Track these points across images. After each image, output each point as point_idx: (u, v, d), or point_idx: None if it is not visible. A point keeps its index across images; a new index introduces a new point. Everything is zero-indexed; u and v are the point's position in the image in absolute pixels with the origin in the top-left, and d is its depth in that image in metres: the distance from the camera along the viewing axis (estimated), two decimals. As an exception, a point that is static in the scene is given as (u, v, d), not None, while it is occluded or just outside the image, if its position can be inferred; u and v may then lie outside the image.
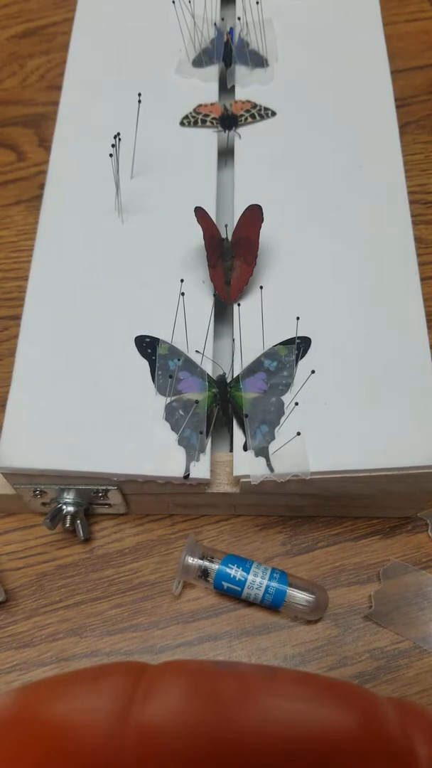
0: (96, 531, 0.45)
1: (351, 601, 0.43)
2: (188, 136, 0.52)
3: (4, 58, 0.65)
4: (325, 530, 0.45)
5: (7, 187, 0.58)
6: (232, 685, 0.29)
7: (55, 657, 0.42)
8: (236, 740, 0.26)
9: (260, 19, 0.55)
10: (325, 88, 0.54)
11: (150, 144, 0.50)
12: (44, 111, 0.62)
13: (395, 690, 0.40)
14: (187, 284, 0.43)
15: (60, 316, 0.44)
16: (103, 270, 0.46)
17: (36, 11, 0.68)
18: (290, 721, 0.27)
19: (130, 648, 0.42)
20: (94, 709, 0.27)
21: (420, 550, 0.44)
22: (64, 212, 0.48)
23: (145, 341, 0.43)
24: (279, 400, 0.41)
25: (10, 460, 0.39)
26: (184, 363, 0.42)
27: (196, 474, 0.39)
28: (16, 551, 0.44)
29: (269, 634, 0.42)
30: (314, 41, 0.56)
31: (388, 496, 0.42)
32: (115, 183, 0.47)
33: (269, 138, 0.51)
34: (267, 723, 0.27)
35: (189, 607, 0.43)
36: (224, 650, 0.42)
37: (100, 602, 0.43)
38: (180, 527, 0.45)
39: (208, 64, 0.55)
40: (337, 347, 0.42)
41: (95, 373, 0.42)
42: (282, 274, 0.45)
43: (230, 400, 0.41)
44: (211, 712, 0.27)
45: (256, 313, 0.42)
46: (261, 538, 0.44)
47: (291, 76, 0.54)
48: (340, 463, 0.39)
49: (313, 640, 0.42)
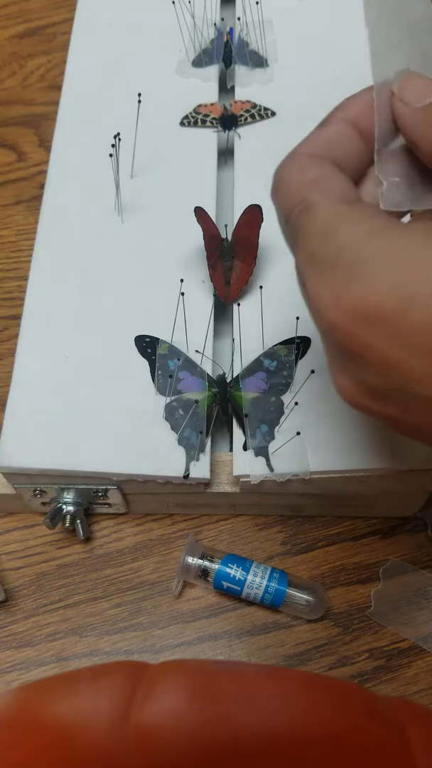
0: (96, 531, 0.45)
1: (351, 600, 0.43)
2: (188, 136, 0.52)
3: (4, 58, 0.65)
4: (325, 530, 0.45)
5: (7, 187, 0.58)
6: (232, 685, 0.29)
7: (55, 656, 0.42)
8: (236, 740, 0.26)
9: (260, 19, 0.55)
10: (325, 88, 0.54)
11: (150, 144, 0.50)
12: (44, 111, 0.62)
13: (395, 690, 0.40)
14: (187, 284, 0.43)
15: (60, 315, 0.44)
16: (103, 270, 0.46)
17: (36, 11, 0.68)
18: (290, 720, 0.27)
19: (130, 647, 0.42)
20: (94, 709, 0.27)
21: (420, 550, 0.44)
22: (64, 212, 0.48)
23: (145, 341, 0.43)
24: (279, 400, 0.41)
25: (10, 459, 0.39)
26: (184, 363, 0.42)
27: (196, 474, 0.39)
28: (15, 551, 0.45)
29: (269, 634, 0.42)
30: (314, 41, 0.56)
31: (388, 496, 0.42)
32: (115, 183, 0.47)
33: (269, 138, 0.51)
34: (267, 723, 0.27)
35: (189, 607, 0.43)
36: (224, 650, 0.42)
37: (100, 602, 0.43)
38: (180, 527, 0.45)
39: (208, 64, 0.55)
40: (336, 347, 0.42)
41: (95, 373, 0.42)
42: (282, 274, 0.45)
43: (230, 400, 0.41)
44: (211, 711, 0.27)
45: (255, 313, 0.42)
46: (261, 537, 0.45)
47: (291, 76, 0.54)
48: (340, 463, 0.39)
49: (312, 640, 0.42)
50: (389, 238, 0.24)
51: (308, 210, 0.25)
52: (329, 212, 0.25)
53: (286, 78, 0.54)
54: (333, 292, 0.24)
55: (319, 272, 0.25)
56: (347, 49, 0.55)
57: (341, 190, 0.26)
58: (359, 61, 0.55)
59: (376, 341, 0.24)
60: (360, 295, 0.23)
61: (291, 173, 0.27)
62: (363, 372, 0.25)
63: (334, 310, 0.24)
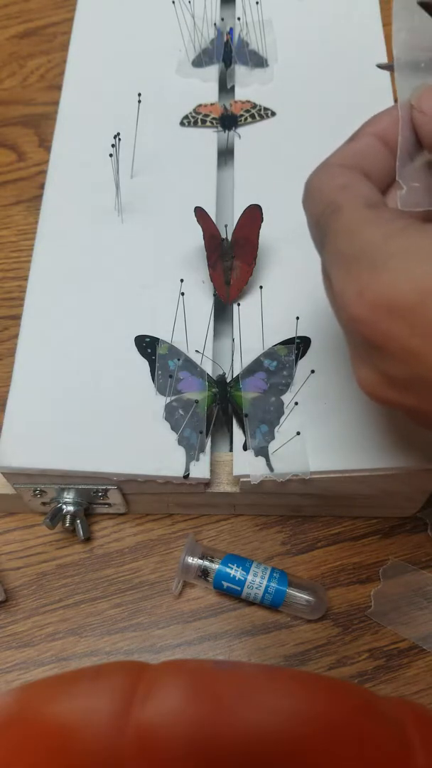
0: (96, 531, 0.45)
1: (351, 600, 0.43)
2: (188, 136, 0.52)
3: (4, 58, 0.65)
4: (324, 530, 0.45)
5: (7, 187, 0.58)
6: (232, 685, 0.29)
7: (55, 656, 0.42)
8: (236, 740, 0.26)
9: (260, 19, 0.55)
10: (325, 88, 0.54)
11: (150, 144, 0.50)
12: (44, 111, 0.62)
13: (395, 689, 0.40)
14: (187, 284, 0.43)
15: (60, 315, 0.44)
16: (103, 270, 0.46)
17: (36, 11, 0.68)
18: (290, 720, 0.27)
19: (130, 647, 0.42)
20: (94, 709, 0.27)
21: (420, 550, 0.44)
22: (64, 212, 0.48)
23: (145, 341, 0.43)
24: (279, 400, 0.41)
25: (10, 460, 0.39)
26: (184, 363, 0.42)
27: (196, 474, 0.39)
28: (15, 551, 0.45)
29: (269, 634, 0.42)
30: (314, 41, 0.56)
31: (388, 496, 0.42)
32: (115, 183, 0.47)
33: (269, 138, 0.51)
34: (267, 723, 0.27)
35: (189, 607, 0.43)
36: (224, 650, 0.42)
37: (100, 602, 0.43)
38: (180, 527, 0.45)
39: (208, 64, 0.55)
40: (337, 347, 0.42)
41: (95, 373, 0.42)
42: (282, 274, 0.45)
43: (230, 400, 0.41)
44: (211, 711, 0.27)
45: (255, 313, 0.42)
46: (261, 537, 0.45)
47: (291, 76, 0.54)
48: (340, 463, 0.39)
49: (312, 640, 0.42)
50: (409, 236, 0.26)
51: (336, 212, 0.28)
52: (355, 214, 0.27)
53: (286, 78, 0.54)
54: (357, 286, 0.26)
55: (345, 269, 0.27)
56: (347, 49, 0.55)
57: (367, 196, 0.28)
58: (359, 61, 0.55)
59: (397, 332, 0.25)
60: (382, 289, 0.25)
61: (322, 181, 0.29)
62: (384, 363, 0.27)
63: (358, 303, 0.26)
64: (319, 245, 0.29)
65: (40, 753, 0.26)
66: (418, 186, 0.30)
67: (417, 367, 0.26)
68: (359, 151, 0.30)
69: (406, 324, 0.25)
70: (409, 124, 0.30)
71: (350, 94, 0.53)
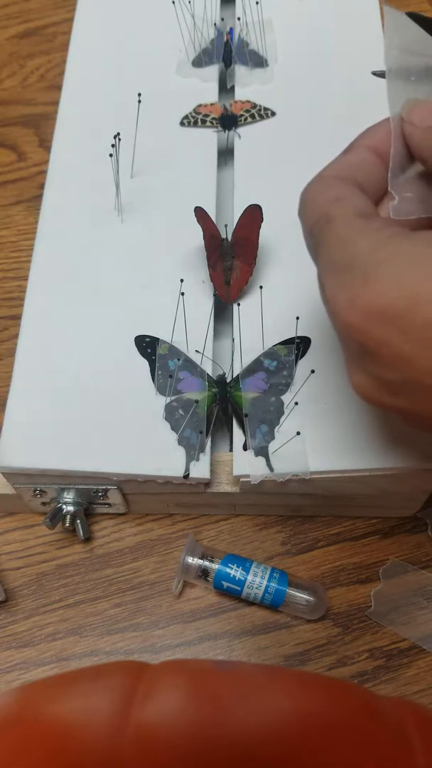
0: (96, 531, 0.45)
1: (351, 600, 0.43)
2: (188, 136, 0.52)
3: (4, 58, 0.65)
4: (324, 530, 0.45)
5: (7, 187, 0.58)
6: (232, 685, 0.29)
7: (55, 656, 0.42)
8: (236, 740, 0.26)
9: (260, 19, 0.55)
10: (325, 88, 0.54)
11: (150, 144, 0.50)
12: (44, 111, 0.62)
13: (395, 689, 0.40)
14: (187, 284, 0.43)
15: (60, 315, 0.44)
16: (103, 270, 0.46)
17: (36, 11, 0.68)
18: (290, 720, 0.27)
19: (130, 647, 0.42)
20: (94, 709, 0.27)
21: (420, 550, 0.44)
22: (64, 212, 0.48)
23: (145, 341, 0.43)
24: (279, 400, 0.41)
25: (10, 460, 0.39)
26: (184, 363, 0.42)
27: (196, 474, 0.39)
28: (16, 551, 0.45)
29: (269, 634, 0.42)
30: (314, 41, 0.56)
31: (388, 496, 0.42)
32: (115, 183, 0.47)
33: (269, 138, 0.51)
34: (267, 723, 0.27)
35: (189, 607, 0.43)
36: (224, 650, 0.42)
37: (100, 602, 0.43)
38: (180, 527, 0.45)
39: (208, 65, 0.55)
40: (337, 347, 0.42)
41: (95, 373, 0.42)
42: (282, 274, 0.45)
43: (230, 400, 0.41)
44: (211, 711, 0.27)
45: (255, 313, 0.43)
46: (261, 537, 0.45)
47: (291, 76, 0.54)
48: (340, 463, 0.39)
49: (312, 640, 0.42)
50: (397, 244, 0.26)
51: (329, 223, 0.28)
52: (347, 225, 0.28)
53: (286, 78, 0.54)
54: (349, 294, 0.27)
55: (337, 277, 0.28)
56: (347, 49, 0.55)
57: (359, 206, 0.29)
58: (359, 61, 0.55)
59: (388, 338, 0.26)
60: (372, 296, 0.26)
61: (316, 192, 0.30)
62: (377, 368, 0.27)
63: (350, 311, 0.27)
64: (314, 254, 0.30)
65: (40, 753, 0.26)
66: (410, 196, 0.30)
67: (409, 372, 0.26)
68: (354, 163, 0.31)
69: (397, 330, 0.26)
70: (400, 136, 0.31)
71: (350, 94, 0.53)
